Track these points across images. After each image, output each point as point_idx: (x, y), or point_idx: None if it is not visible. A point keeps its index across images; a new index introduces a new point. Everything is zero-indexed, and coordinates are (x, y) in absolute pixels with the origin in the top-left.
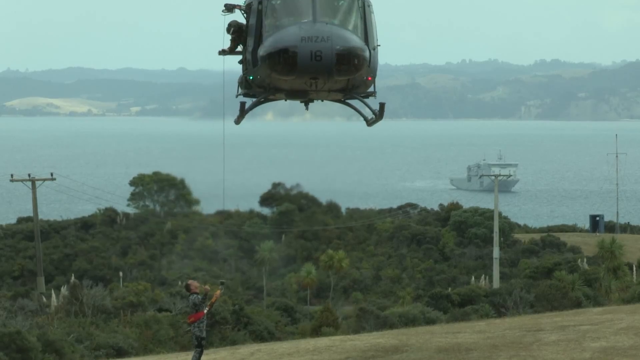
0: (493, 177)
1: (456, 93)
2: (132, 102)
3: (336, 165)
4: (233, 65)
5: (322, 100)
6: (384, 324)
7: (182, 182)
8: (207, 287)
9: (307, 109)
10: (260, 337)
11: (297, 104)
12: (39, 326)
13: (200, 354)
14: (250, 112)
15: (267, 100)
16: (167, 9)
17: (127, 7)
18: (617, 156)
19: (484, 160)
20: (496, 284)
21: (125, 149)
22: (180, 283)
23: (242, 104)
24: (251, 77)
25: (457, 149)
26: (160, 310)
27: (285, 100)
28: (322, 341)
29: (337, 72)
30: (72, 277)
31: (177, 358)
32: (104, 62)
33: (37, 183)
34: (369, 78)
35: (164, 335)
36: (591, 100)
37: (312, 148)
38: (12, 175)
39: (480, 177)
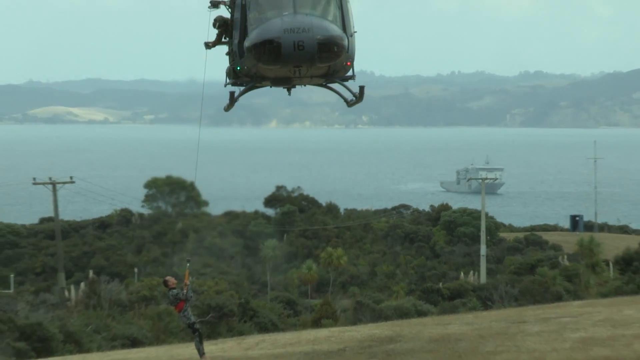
0: (480, 180)
1: (446, 102)
2: (145, 110)
3: (334, 169)
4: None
5: (304, 85)
6: (379, 316)
7: (192, 184)
8: (187, 282)
9: (289, 94)
10: (265, 328)
11: (298, 113)
12: (60, 318)
13: (200, 337)
14: (255, 120)
15: (253, 87)
16: (178, 25)
17: (141, 23)
18: (595, 161)
19: (472, 164)
20: (483, 279)
21: (140, 154)
22: (191, 279)
23: (232, 93)
24: (238, 68)
25: (446, 154)
26: (170, 305)
27: (271, 87)
28: (322, 332)
29: (319, 60)
30: (91, 273)
31: (187, 348)
32: (120, 74)
33: (58, 186)
34: (348, 63)
35: (175, 327)
36: (571, 108)
37: (312, 153)
38: (34, 179)
39: (469, 180)
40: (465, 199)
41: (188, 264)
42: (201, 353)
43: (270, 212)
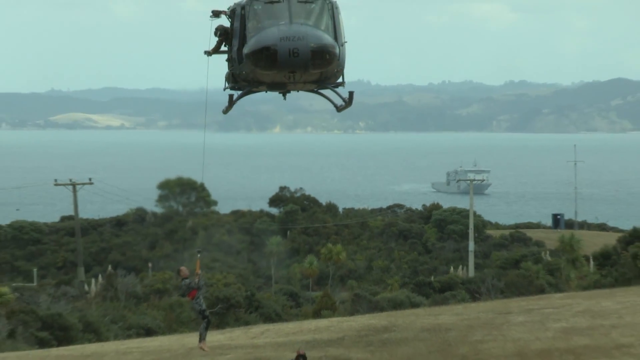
0: (468, 182)
1: (437, 109)
2: (159, 117)
3: (334, 171)
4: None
5: (298, 91)
6: (375, 308)
7: (202, 185)
8: (198, 271)
9: (284, 98)
10: (269, 318)
11: (300, 119)
12: (79, 309)
13: (208, 323)
14: (260, 126)
15: (251, 92)
16: (188, 38)
17: (155, 37)
18: (575, 163)
19: (461, 167)
20: (471, 273)
21: (153, 158)
22: (200, 272)
23: (230, 96)
24: (237, 73)
25: (437, 158)
26: (182, 296)
27: (266, 91)
28: (322, 322)
29: (312, 66)
30: (108, 268)
31: (197, 336)
32: (135, 83)
33: (78, 187)
34: (339, 70)
35: (186, 317)
36: (553, 115)
37: (313, 157)
38: (55, 180)
39: (458, 181)
40: (454, 199)
41: (199, 255)
42: (201, 338)
43: (274, 211)
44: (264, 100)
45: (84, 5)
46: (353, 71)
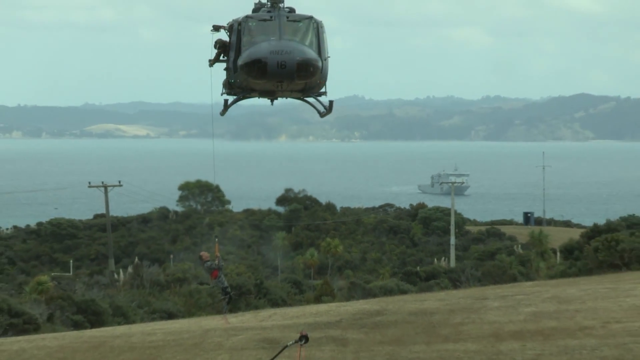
0: (450, 184)
1: (422, 121)
2: (180, 127)
3: (332, 175)
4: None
5: (286, 98)
6: (369, 294)
7: (217, 187)
8: (217, 254)
9: (272, 104)
10: (276, 303)
11: (303, 130)
12: (110, 296)
13: (229, 300)
14: (268, 135)
15: (244, 98)
16: (205, 58)
17: (176, 57)
18: (544, 168)
19: (444, 171)
20: (452, 264)
21: (175, 163)
22: (216, 262)
23: (225, 101)
24: (232, 81)
25: (423, 163)
26: (201, 283)
27: (259, 97)
28: (322, 307)
29: (297, 77)
30: (135, 259)
31: (214, 320)
32: (159, 98)
33: (109, 188)
34: (321, 82)
35: (204, 303)
36: (524, 126)
37: (315, 162)
38: (89, 183)
39: (441, 183)
40: (438, 199)
41: (217, 239)
42: (224, 312)
43: (280, 209)
44: (272, 112)
45: (116, 29)
46: (348, 87)
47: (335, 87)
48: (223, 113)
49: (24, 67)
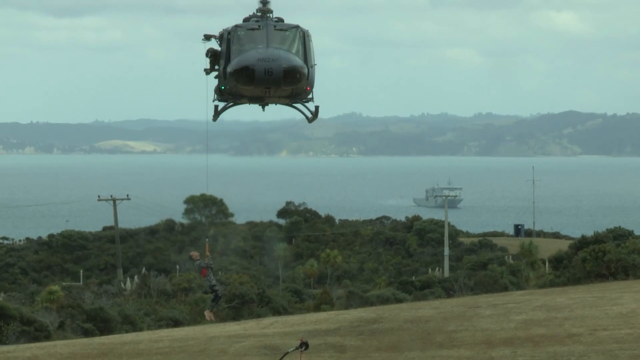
0: (444, 197)
1: (417, 137)
2: (185, 143)
3: (331, 188)
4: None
5: (276, 104)
6: (366, 302)
7: (221, 200)
8: (207, 253)
9: (263, 110)
10: (278, 311)
11: (303, 145)
12: (118, 304)
13: (216, 298)
14: (269, 151)
15: (235, 104)
16: (209, 79)
17: (182, 77)
18: (533, 182)
19: (438, 185)
20: (446, 273)
21: (180, 177)
22: (220, 273)
23: (216, 107)
24: (223, 87)
25: (418, 177)
26: (205, 292)
27: (249, 104)
28: (322, 315)
29: (284, 83)
30: (143, 269)
31: (217, 327)
32: (165, 115)
33: (117, 202)
34: (308, 88)
35: None
36: (514, 142)
37: (315, 176)
38: (99, 196)
39: (435, 197)
40: (432, 212)
41: (207, 240)
42: (209, 307)
43: (281, 221)
44: (273, 129)
45: (123, 49)
46: (347, 105)
47: (334, 105)
48: (215, 119)
49: (36, 85)
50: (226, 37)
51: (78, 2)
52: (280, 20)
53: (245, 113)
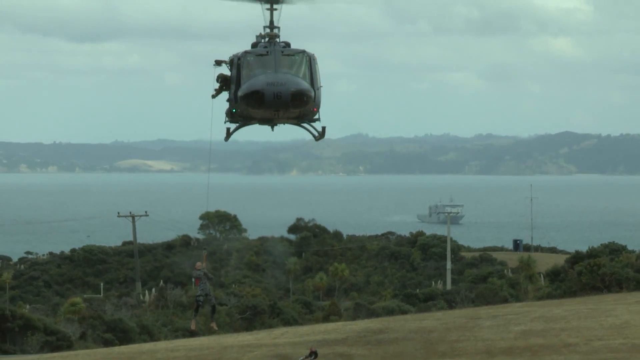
0: (446, 214)
1: (421, 156)
2: (201, 162)
3: (339, 205)
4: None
5: (284, 124)
6: (372, 314)
7: (235, 217)
8: (204, 264)
9: (272, 130)
10: (288, 322)
11: (313, 164)
12: (137, 315)
13: (197, 309)
14: (280, 169)
15: (245, 125)
16: (224, 101)
17: (198, 100)
18: (531, 199)
19: (440, 202)
20: (449, 286)
21: (196, 195)
22: (233, 286)
23: (228, 129)
24: (234, 110)
25: (421, 195)
26: (220, 304)
27: (259, 124)
28: (330, 325)
29: (292, 106)
30: (160, 282)
31: (231, 337)
32: (182, 136)
33: (136, 218)
34: (315, 109)
35: (223, 322)
36: (513, 161)
37: (323, 194)
38: (118, 213)
39: (438, 213)
40: (435, 228)
41: (205, 252)
42: (210, 318)
43: (292, 237)
44: (284, 149)
45: (142, 74)
46: (354, 125)
47: (341, 126)
48: (227, 139)
49: (58, 108)
50: (236, 63)
51: (98, 28)
52: (287, 44)
53: (258, 134)
